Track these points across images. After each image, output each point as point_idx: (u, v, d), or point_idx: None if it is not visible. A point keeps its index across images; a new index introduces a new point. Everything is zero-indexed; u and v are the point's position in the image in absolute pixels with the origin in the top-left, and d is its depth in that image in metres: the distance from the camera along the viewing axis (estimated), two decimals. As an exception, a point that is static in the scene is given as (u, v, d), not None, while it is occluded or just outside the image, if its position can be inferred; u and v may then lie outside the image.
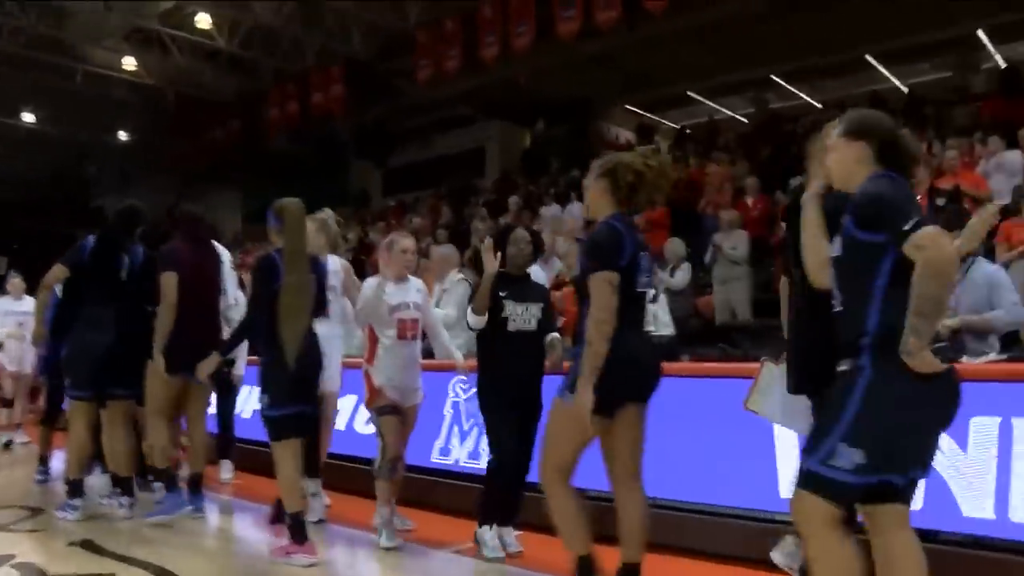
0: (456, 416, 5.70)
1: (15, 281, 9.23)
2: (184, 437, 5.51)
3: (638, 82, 15.70)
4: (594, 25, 12.51)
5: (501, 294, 4.34)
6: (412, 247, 4.85)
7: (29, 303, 6.98)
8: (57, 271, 5.22)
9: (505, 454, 4.28)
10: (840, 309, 2.65)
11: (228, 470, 6.54)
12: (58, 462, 6.39)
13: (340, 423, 6.52)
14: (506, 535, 4.38)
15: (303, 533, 4.13)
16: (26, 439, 8.53)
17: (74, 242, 5.32)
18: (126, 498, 5.10)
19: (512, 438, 4.27)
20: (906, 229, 2.42)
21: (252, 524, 5.33)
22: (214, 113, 19.91)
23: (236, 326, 4.84)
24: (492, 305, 4.33)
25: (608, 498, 3.52)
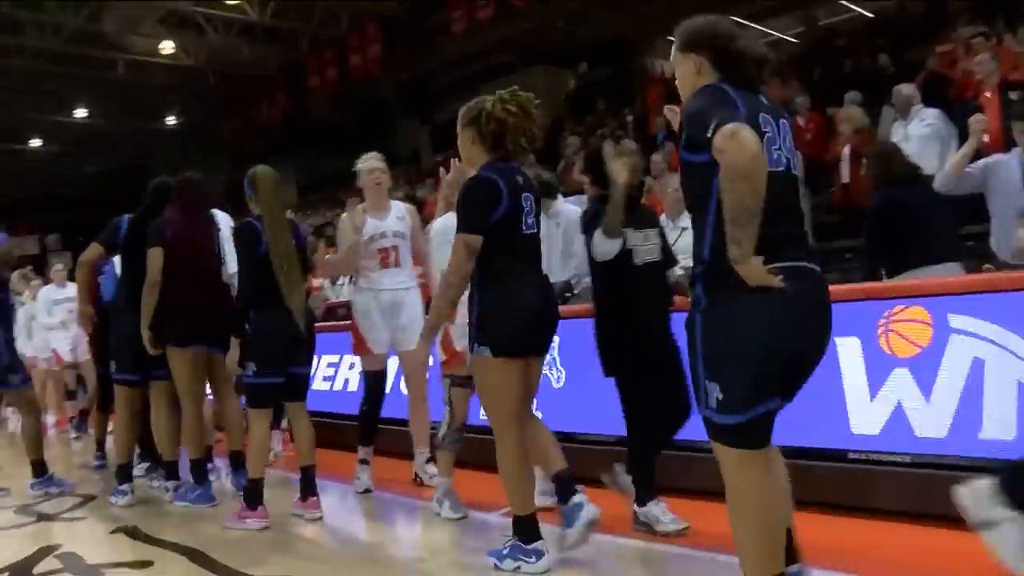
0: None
1: (57, 268, 9.31)
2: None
3: (679, 13, 14.98)
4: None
5: None
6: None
7: (73, 289, 6.94)
8: (93, 250, 5.30)
9: (655, 417, 3.68)
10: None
11: (277, 442, 6.31)
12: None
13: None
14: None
15: (259, 499, 4.25)
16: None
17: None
18: (171, 482, 5.06)
19: (660, 398, 3.66)
20: (709, 136, 2.12)
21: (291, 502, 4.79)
22: (259, 88, 20.02)
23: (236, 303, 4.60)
24: None
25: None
